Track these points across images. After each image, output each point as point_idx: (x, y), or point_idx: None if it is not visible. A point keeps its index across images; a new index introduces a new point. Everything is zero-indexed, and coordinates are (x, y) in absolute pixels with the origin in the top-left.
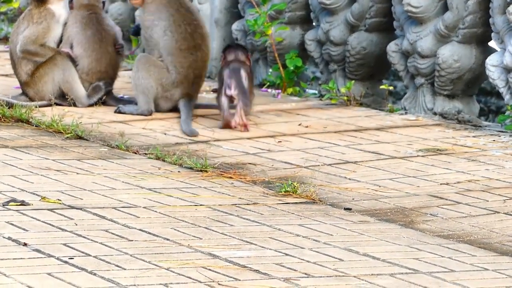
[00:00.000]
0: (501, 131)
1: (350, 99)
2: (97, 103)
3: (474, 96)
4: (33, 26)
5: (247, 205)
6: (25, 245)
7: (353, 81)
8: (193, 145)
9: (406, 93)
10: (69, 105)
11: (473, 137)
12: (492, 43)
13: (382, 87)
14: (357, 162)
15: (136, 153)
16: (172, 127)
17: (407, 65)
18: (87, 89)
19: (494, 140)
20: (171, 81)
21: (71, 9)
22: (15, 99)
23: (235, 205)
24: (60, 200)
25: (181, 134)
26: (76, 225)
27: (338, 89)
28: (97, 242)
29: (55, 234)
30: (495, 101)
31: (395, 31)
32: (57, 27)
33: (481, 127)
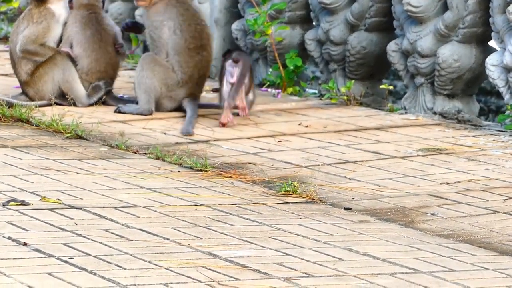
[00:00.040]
0: (501, 131)
1: (350, 98)
2: (97, 102)
3: (474, 95)
4: (33, 25)
5: (247, 204)
6: (25, 245)
7: (353, 80)
8: (193, 145)
9: (406, 93)
10: (69, 105)
11: (473, 136)
12: (492, 43)
13: (382, 86)
14: (357, 161)
15: (136, 153)
16: (172, 127)
17: (407, 64)
18: (87, 89)
19: (494, 139)
20: (176, 81)
21: (71, 8)
22: (15, 99)
23: (235, 205)
24: (60, 200)
25: (179, 133)
26: (76, 225)
27: (338, 89)
28: (97, 241)
29: (55, 234)
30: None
31: (395, 31)
32: (57, 26)
33: (481, 126)
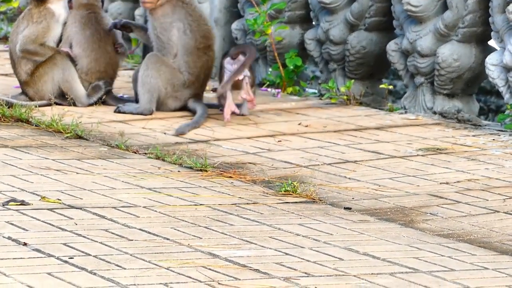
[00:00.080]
0: (501, 130)
1: (349, 98)
2: (97, 102)
3: (473, 95)
4: (32, 25)
5: (247, 204)
6: (25, 244)
7: (353, 80)
8: (193, 145)
9: (406, 92)
10: (68, 105)
11: (472, 136)
12: (491, 42)
13: (381, 86)
14: (357, 161)
15: (136, 153)
16: (172, 126)
17: (406, 64)
18: (86, 89)
19: (493, 139)
20: (183, 81)
21: (70, 8)
22: (14, 99)
23: (235, 205)
24: (60, 199)
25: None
26: (76, 224)
27: (337, 88)
28: (97, 241)
29: (55, 233)
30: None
31: (395, 30)
32: (56, 26)
33: (480, 126)
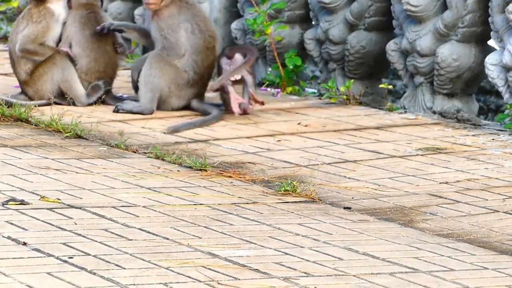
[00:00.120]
0: (501, 130)
1: (349, 98)
2: (96, 102)
3: (473, 95)
4: (32, 25)
5: (247, 204)
6: (25, 244)
7: (353, 80)
8: (192, 144)
9: (405, 92)
10: (68, 104)
11: (472, 136)
12: (491, 42)
13: (381, 86)
14: (357, 161)
15: (135, 152)
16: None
17: (406, 64)
18: (86, 88)
19: (493, 139)
20: (187, 80)
21: (70, 8)
22: (14, 98)
23: (234, 204)
24: (59, 199)
25: (180, 133)
26: (75, 224)
27: (337, 88)
28: (97, 241)
29: (55, 233)
30: (494, 100)
31: (394, 30)
32: (56, 26)
33: (480, 126)
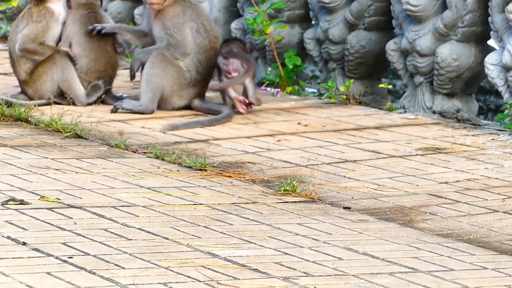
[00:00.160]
0: (500, 130)
1: (349, 97)
2: (96, 102)
3: (473, 94)
4: (32, 24)
5: (246, 204)
6: (24, 244)
7: (352, 79)
8: (192, 144)
9: (405, 92)
10: (68, 104)
11: (472, 135)
12: (491, 42)
13: (381, 85)
14: (356, 161)
15: (135, 152)
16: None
17: (406, 63)
18: (86, 88)
19: (493, 138)
20: (189, 80)
21: (69, 8)
22: (14, 98)
23: (234, 204)
24: (59, 199)
25: (179, 133)
26: (75, 224)
27: (337, 88)
28: (96, 241)
29: (54, 233)
30: (494, 100)
31: (394, 30)
32: (56, 25)
33: (480, 125)
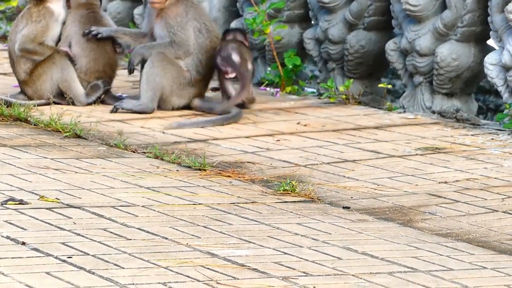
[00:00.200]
0: (500, 130)
1: (348, 97)
2: (96, 102)
3: (472, 94)
4: (32, 24)
5: (246, 204)
6: (24, 244)
7: (352, 79)
8: (191, 144)
9: (404, 92)
10: (67, 104)
11: (471, 135)
12: (490, 42)
13: (380, 85)
14: (356, 160)
15: (134, 152)
16: (170, 125)
17: (405, 63)
18: (85, 88)
19: (492, 138)
20: (189, 79)
21: (68, 8)
22: (13, 98)
23: (233, 204)
24: (58, 199)
25: (179, 133)
26: (74, 224)
27: (336, 88)
28: (96, 241)
29: (54, 233)
30: (493, 100)
31: (394, 30)
32: (55, 25)
33: (479, 125)
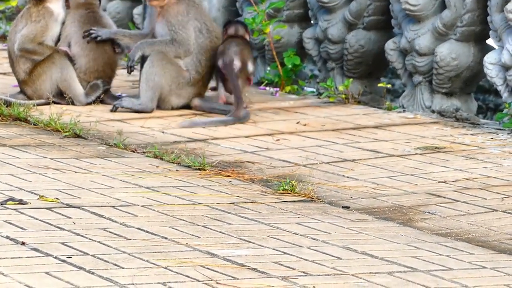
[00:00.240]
0: (499, 129)
1: (348, 97)
2: (95, 101)
3: (472, 94)
4: (31, 24)
5: (245, 203)
6: (23, 244)
7: (351, 79)
8: (191, 144)
9: (404, 91)
10: (67, 104)
11: (471, 135)
12: (490, 41)
13: (380, 85)
14: (355, 160)
15: (134, 152)
16: (170, 125)
17: (405, 63)
18: (85, 88)
19: (492, 138)
20: (188, 79)
21: (67, 8)
22: (13, 98)
23: (233, 204)
24: (58, 198)
25: (179, 132)
26: (74, 224)
27: (336, 87)
28: (95, 241)
29: (53, 233)
30: (493, 99)
31: (393, 29)
32: (55, 25)
33: (479, 125)
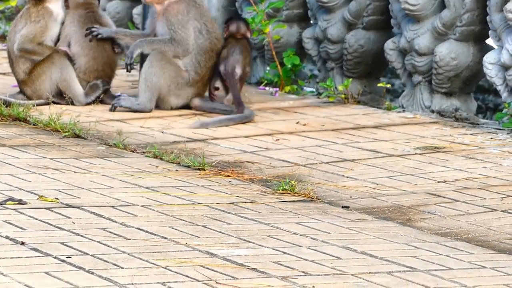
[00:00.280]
0: (499, 129)
1: (347, 97)
2: (95, 101)
3: (471, 93)
4: (31, 24)
5: (245, 203)
6: (23, 244)
7: (351, 79)
8: (190, 144)
9: (403, 91)
10: (66, 104)
11: (470, 134)
12: (489, 41)
13: (379, 85)
14: (355, 160)
15: (133, 152)
16: (169, 125)
17: (404, 63)
18: (84, 88)
19: (491, 137)
20: (187, 80)
21: (67, 8)
22: (12, 98)
23: (232, 204)
24: (57, 198)
25: (178, 132)
26: (73, 224)
27: (335, 87)
28: (95, 241)
29: (53, 233)
30: (492, 99)
31: (393, 29)
32: (54, 25)
33: (478, 124)
